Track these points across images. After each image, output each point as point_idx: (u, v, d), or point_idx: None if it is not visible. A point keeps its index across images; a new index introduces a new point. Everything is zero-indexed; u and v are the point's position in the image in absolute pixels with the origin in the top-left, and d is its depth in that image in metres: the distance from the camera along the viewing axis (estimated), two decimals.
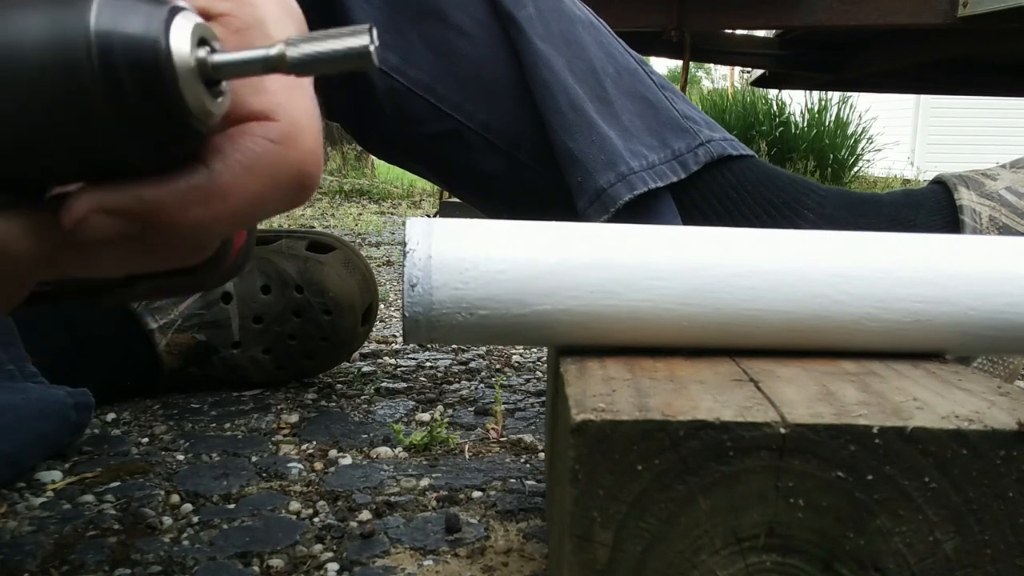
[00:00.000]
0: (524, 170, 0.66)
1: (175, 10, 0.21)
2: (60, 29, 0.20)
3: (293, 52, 0.21)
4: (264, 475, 0.64)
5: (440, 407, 0.82)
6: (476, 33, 0.64)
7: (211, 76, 0.22)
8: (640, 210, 0.62)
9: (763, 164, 0.67)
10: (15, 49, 0.20)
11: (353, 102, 0.68)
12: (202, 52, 0.22)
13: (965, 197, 0.62)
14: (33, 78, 0.20)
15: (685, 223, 0.64)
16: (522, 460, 0.68)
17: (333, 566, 0.50)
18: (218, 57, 0.22)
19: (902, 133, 8.97)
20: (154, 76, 0.20)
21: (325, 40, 0.21)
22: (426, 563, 0.50)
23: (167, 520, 0.56)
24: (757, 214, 0.64)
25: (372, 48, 0.21)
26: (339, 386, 0.89)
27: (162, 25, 0.21)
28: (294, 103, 0.26)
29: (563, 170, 0.63)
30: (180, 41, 0.21)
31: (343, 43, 0.21)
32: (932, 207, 0.64)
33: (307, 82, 0.27)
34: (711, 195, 0.65)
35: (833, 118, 5.70)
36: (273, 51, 0.22)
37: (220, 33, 0.25)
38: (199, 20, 0.22)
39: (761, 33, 2.35)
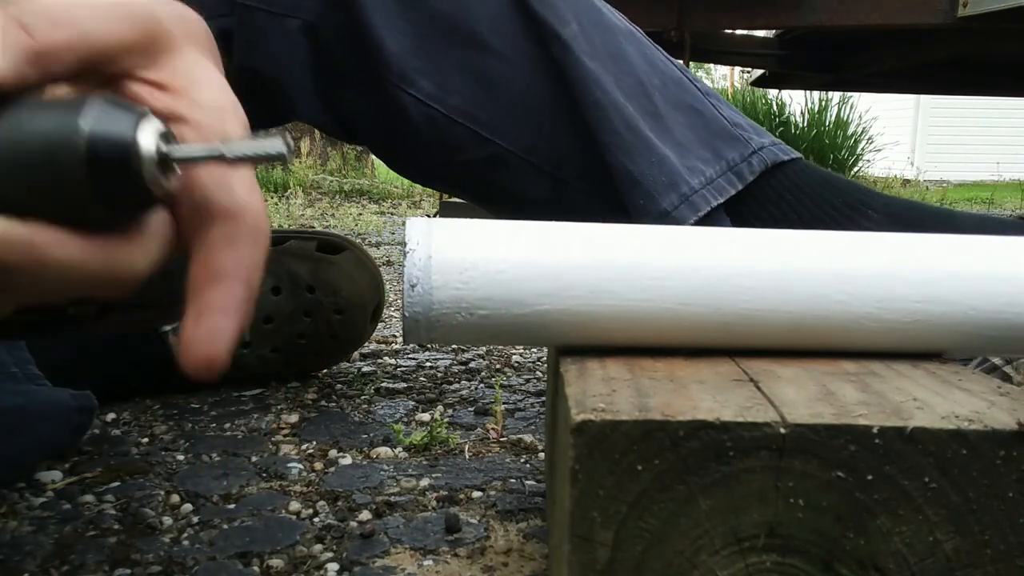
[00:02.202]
0: (569, 190, 0.65)
1: (142, 114, 0.29)
2: (59, 127, 0.28)
3: (230, 152, 0.30)
4: (264, 475, 0.64)
5: (440, 407, 0.82)
6: (514, 56, 0.62)
7: (166, 162, 0.29)
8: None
9: (813, 165, 0.66)
10: (24, 142, 0.28)
11: (383, 129, 0.67)
12: (162, 146, 0.29)
13: None
14: (36, 163, 0.28)
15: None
16: (522, 460, 0.68)
17: (333, 566, 0.50)
18: (173, 150, 0.30)
19: (902, 133, 8.97)
20: (125, 163, 0.28)
21: (254, 143, 0.30)
22: (426, 563, 0.50)
23: (167, 520, 0.56)
24: (817, 215, 0.63)
25: (286, 149, 0.30)
26: (339, 386, 0.89)
27: (133, 127, 0.28)
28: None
29: (622, 191, 0.62)
30: (147, 139, 0.29)
31: (267, 147, 0.30)
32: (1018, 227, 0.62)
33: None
34: (768, 201, 0.64)
35: (833, 118, 5.70)
36: (215, 149, 0.30)
37: (186, 133, 0.32)
38: (158, 122, 0.30)
39: (761, 33, 2.35)
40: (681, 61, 2.08)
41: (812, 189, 0.64)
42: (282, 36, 0.64)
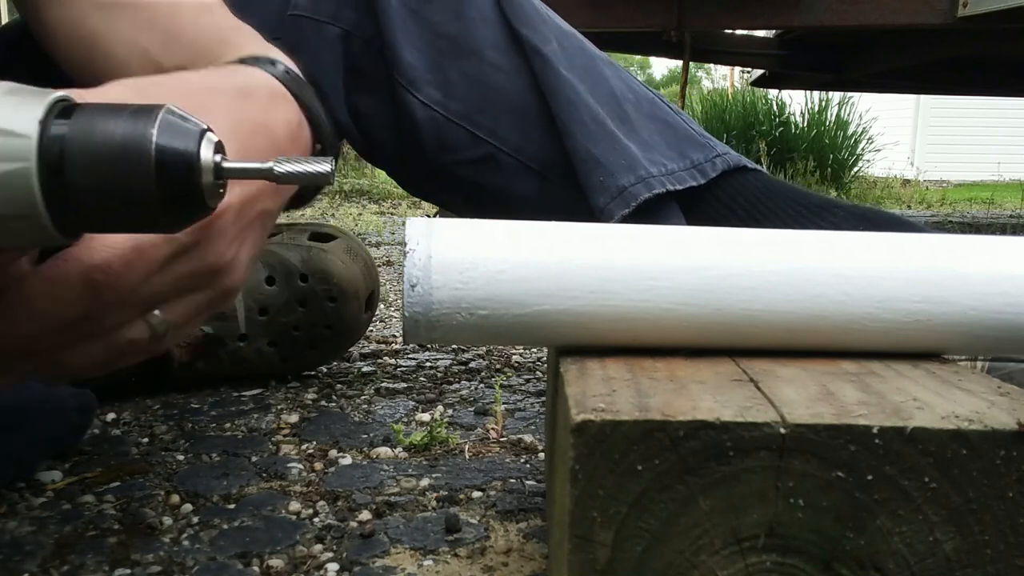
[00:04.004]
0: (554, 189, 0.72)
1: (203, 131, 0.32)
2: (134, 134, 0.31)
3: (279, 168, 0.33)
4: (264, 475, 0.64)
5: (440, 407, 0.82)
6: (510, 70, 0.71)
7: (220, 175, 0.33)
8: (651, 215, 0.67)
9: (778, 178, 0.72)
10: (103, 145, 0.30)
11: (397, 140, 0.74)
12: (218, 158, 0.32)
13: None
14: (111, 164, 0.30)
15: (713, 225, 0.67)
16: (522, 460, 0.68)
17: (333, 566, 0.50)
18: (227, 164, 0.33)
19: (902, 133, 8.96)
20: (188, 172, 0.31)
21: (301, 163, 0.33)
22: (426, 563, 0.50)
23: (167, 520, 0.56)
24: (787, 211, 0.68)
25: (331, 170, 0.33)
26: (339, 386, 0.89)
27: (196, 140, 0.32)
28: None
29: (584, 174, 0.68)
30: (206, 152, 0.32)
31: (313, 167, 0.33)
32: None
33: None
34: (738, 195, 0.69)
35: (833, 118, 5.69)
36: (265, 165, 0.33)
37: None
38: (217, 139, 0.33)
39: (761, 33, 2.35)
40: (682, 60, 2.08)
41: (782, 189, 0.70)
42: (322, 41, 0.72)
